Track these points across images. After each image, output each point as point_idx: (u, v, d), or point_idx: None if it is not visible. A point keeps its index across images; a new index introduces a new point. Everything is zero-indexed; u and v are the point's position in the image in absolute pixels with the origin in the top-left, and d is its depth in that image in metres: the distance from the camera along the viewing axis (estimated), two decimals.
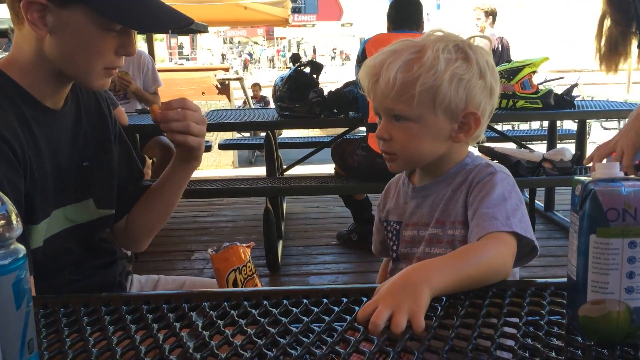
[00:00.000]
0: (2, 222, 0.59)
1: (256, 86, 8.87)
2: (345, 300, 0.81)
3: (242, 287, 1.18)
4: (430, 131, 1.02)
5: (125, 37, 1.03)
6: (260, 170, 5.67)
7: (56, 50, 1.01)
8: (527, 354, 0.64)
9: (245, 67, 33.56)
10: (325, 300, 0.80)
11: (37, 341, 0.64)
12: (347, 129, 3.75)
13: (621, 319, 0.65)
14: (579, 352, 0.65)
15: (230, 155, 6.65)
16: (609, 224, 0.63)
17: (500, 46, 5.58)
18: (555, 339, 0.68)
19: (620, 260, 0.63)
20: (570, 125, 7.31)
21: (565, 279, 0.82)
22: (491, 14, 5.57)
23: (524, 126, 9.08)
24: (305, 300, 0.81)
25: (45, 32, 1.00)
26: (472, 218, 0.97)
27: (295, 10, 36.17)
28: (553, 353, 0.64)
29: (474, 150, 1.23)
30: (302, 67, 3.35)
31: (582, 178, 0.66)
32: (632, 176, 0.64)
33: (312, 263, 3.41)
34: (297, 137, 6.46)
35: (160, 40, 30.15)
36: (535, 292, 0.82)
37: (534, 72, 3.39)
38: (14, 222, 0.60)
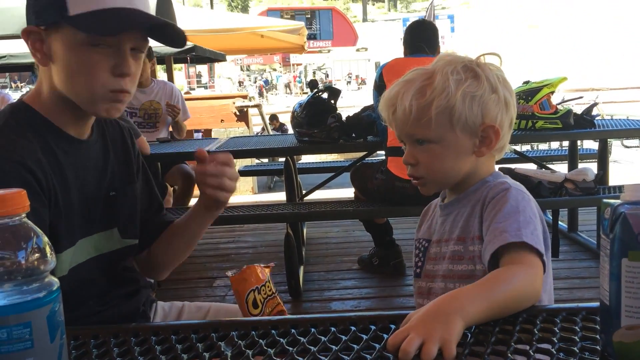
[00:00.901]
0: (37, 255, 0.60)
1: (274, 119, 8.97)
2: (373, 327, 0.80)
3: (262, 307, 1.18)
4: (453, 149, 1.06)
5: (118, 55, 1.03)
6: (280, 196, 5.69)
7: (58, 77, 1.04)
8: None
9: (260, 93, 33.94)
10: (353, 328, 0.80)
11: None
12: (365, 153, 3.76)
13: None
14: None
15: (250, 181, 6.69)
16: None
17: None
18: None
19: None
20: (590, 144, 7.26)
21: (596, 303, 0.81)
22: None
23: (543, 146, 9.02)
24: (333, 329, 0.80)
25: (47, 60, 1.03)
26: (486, 234, 1.00)
27: (311, 37, 36.66)
28: None
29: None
30: (319, 93, 3.38)
31: (611, 201, 0.65)
32: None
33: (334, 288, 3.39)
34: (316, 162, 6.49)
35: (179, 70, 30.69)
36: (567, 317, 0.81)
37: (552, 93, 3.37)
38: (48, 255, 0.61)
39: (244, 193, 6.66)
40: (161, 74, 9.65)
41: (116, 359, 0.74)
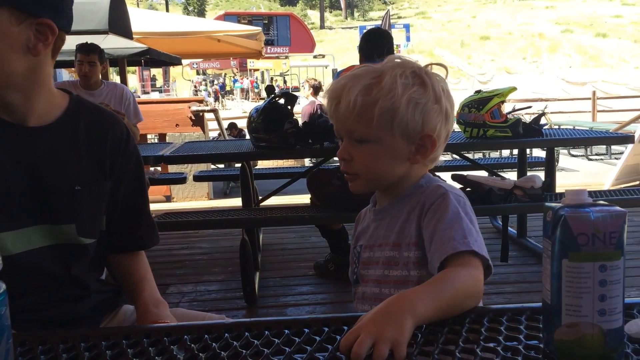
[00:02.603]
0: None
1: (233, 127, 8.91)
2: (326, 329, 0.81)
3: None
4: (389, 152, 1.06)
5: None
6: (236, 202, 5.65)
7: None
8: None
9: (216, 98, 33.59)
10: (306, 331, 0.81)
11: None
12: (322, 159, 3.78)
13: (595, 341, 0.67)
14: None
15: (205, 187, 6.62)
16: (579, 249, 0.65)
17: (319, 110, 7.17)
18: None
19: (592, 284, 0.65)
20: (538, 152, 7.51)
21: (540, 304, 0.84)
22: (315, 88, 7.85)
23: (494, 154, 9.29)
24: (286, 331, 0.81)
25: None
26: (430, 241, 1.01)
27: (268, 43, 36.56)
28: None
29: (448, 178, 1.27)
30: (276, 98, 3.39)
31: (553, 204, 0.68)
32: (601, 201, 0.66)
33: (289, 294, 3.39)
34: (273, 168, 6.47)
35: (133, 73, 30.09)
36: (512, 317, 0.84)
37: (502, 102, 3.48)
38: None
39: (199, 199, 6.58)
40: (115, 77, 9.46)
41: None
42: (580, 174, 8.62)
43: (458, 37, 52.89)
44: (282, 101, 3.41)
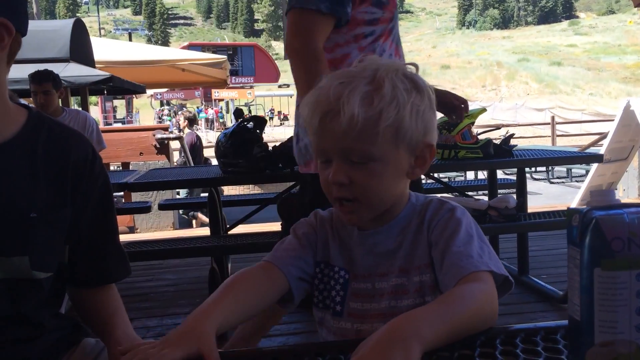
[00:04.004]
0: None
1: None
2: None
3: None
4: (393, 170, 0.92)
5: None
6: (203, 232, 5.48)
7: None
8: None
9: (180, 129, 33.30)
10: None
11: None
12: (293, 183, 3.69)
13: None
14: None
15: (170, 216, 6.43)
16: (614, 255, 0.57)
17: (197, 142, 7.86)
18: None
19: (628, 295, 0.57)
20: (501, 175, 7.61)
21: (554, 322, 0.76)
22: (190, 120, 8.36)
23: (459, 178, 9.38)
24: None
25: None
26: (442, 258, 0.90)
27: (233, 73, 36.62)
28: None
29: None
30: (245, 123, 3.30)
31: (579, 207, 0.61)
32: (631, 202, 0.59)
33: None
34: (241, 195, 6.34)
35: (95, 104, 29.64)
36: (526, 338, 0.75)
37: (472, 123, 3.48)
38: None
39: (164, 229, 6.39)
40: (77, 107, 9.23)
41: None
42: (543, 197, 8.77)
43: (420, 66, 54.10)
44: (250, 125, 3.33)
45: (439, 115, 3.63)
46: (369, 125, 0.86)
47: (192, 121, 8.42)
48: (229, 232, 3.79)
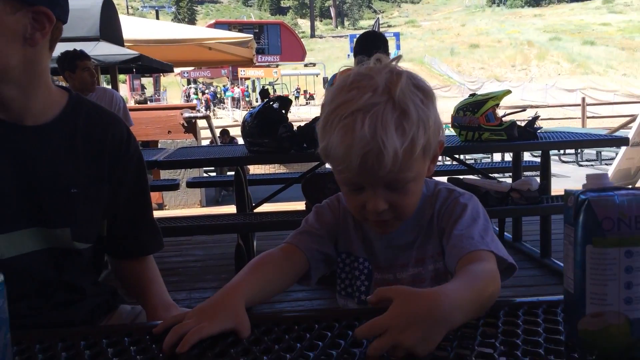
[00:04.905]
0: None
1: (225, 134, 8.88)
2: (317, 326, 0.78)
3: None
4: (422, 180, 0.97)
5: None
6: (228, 210, 5.60)
7: None
8: None
9: (207, 107, 33.53)
10: (296, 327, 0.78)
11: None
12: (318, 163, 3.75)
13: (621, 331, 0.64)
14: None
15: (197, 194, 6.57)
16: (604, 234, 0.62)
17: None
18: (553, 356, 0.67)
19: (617, 270, 0.63)
20: (529, 157, 7.53)
21: (555, 297, 0.82)
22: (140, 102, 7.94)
23: (485, 160, 9.32)
24: (276, 328, 0.78)
25: None
26: (448, 242, 0.95)
27: (259, 52, 36.60)
28: None
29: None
30: (270, 103, 3.36)
31: (574, 189, 0.66)
32: (623, 185, 0.64)
33: (285, 301, 3.34)
34: (266, 174, 6.44)
35: (123, 82, 30.00)
36: (529, 310, 0.81)
37: (497, 105, 3.48)
38: None
39: (192, 207, 6.53)
40: (107, 85, 9.40)
41: None
42: (571, 180, 8.66)
43: (447, 45, 53.27)
44: (276, 105, 3.39)
45: (458, 97, 3.64)
46: (407, 155, 0.87)
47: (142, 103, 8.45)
48: (255, 210, 3.89)
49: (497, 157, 9.54)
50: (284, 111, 3.35)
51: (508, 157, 8.72)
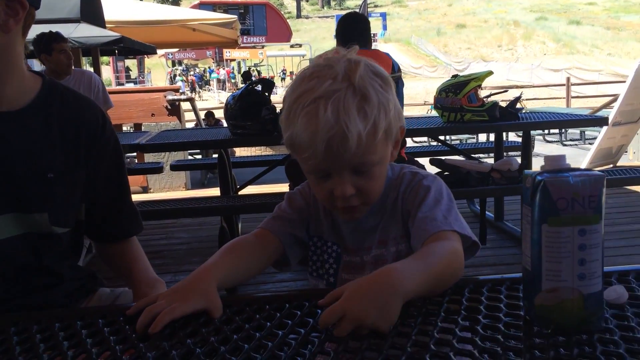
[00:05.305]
0: None
1: (210, 116, 8.81)
2: (287, 305, 0.80)
3: None
4: (386, 164, 0.99)
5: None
6: (214, 192, 5.61)
7: None
8: (487, 345, 0.65)
9: (192, 89, 33.23)
10: (267, 307, 0.80)
11: None
12: None
13: (575, 306, 0.67)
14: (537, 340, 0.66)
15: (182, 177, 6.55)
16: (559, 213, 0.65)
17: None
18: (513, 330, 0.70)
19: (571, 248, 0.65)
20: (513, 137, 7.57)
21: (518, 274, 0.84)
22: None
23: (471, 140, 9.38)
24: (247, 308, 0.80)
25: None
26: (412, 225, 0.97)
27: (245, 32, 36.25)
28: (512, 342, 0.66)
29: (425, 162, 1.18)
30: (253, 85, 3.35)
31: (531, 171, 0.68)
32: (579, 167, 0.66)
33: (269, 282, 3.38)
34: (250, 157, 6.43)
35: (107, 64, 29.59)
36: (492, 287, 0.84)
37: (479, 86, 3.49)
38: None
39: (177, 189, 6.52)
40: (88, 68, 9.29)
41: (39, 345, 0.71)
42: None
43: (434, 25, 53.10)
44: (259, 88, 3.38)
45: (445, 78, 3.66)
46: (370, 138, 0.89)
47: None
48: (239, 193, 3.90)
49: (482, 137, 9.60)
50: (267, 94, 3.35)
51: (493, 137, 8.78)
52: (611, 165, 6.23)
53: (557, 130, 10.77)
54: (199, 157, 7.74)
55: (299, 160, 0.96)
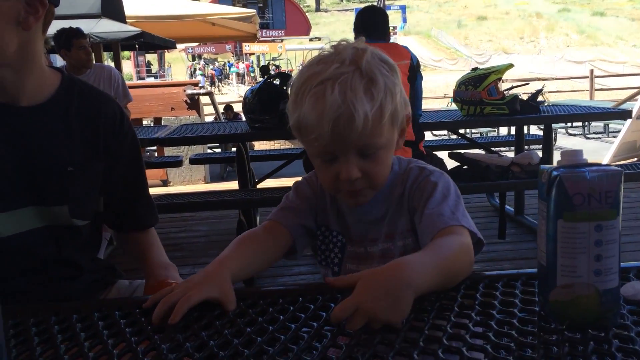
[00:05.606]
0: None
1: (229, 109, 8.85)
2: (301, 299, 0.80)
3: None
4: (392, 150, 0.99)
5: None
6: (233, 185, 5.64)
7: None
8: (502, 341, 0.65)
9: (212, 83, 33.40)
10: (280, 300, 0.81)
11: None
12: None
13: (590, 302, 0.66)
14: (552, 337, 0.66)
15: (202, 170, 6.60)
16: (575, 209, 0.64)
17: None
18: (528, 325, 0.69)
19: (587, 244, 0.64)
20: (536, 131, 7.46)
21: (534, 269, 0.84)
22: None
23: (492, 133, 9.28)
24: (261, 301, 0.81)
25: None
26: (420, 221, 0.97)
27: (264, 26, 36.29)
28: (528, 339, 0.65)
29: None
30: (271, 79, 3.36)
31: (547, 166, 0.67)
32: (596, 162, 0.65)
33: (287, 275, 3.39)
34: (269, 150, 6.46)
35: (128, 59, 29.90)
36: (508, 282, 0.83)
37: (499, 79, 3.46)
38: None
39: (196, 183, 6.57)
40: (110, 63, 9.38)
41: (57, 336, 0.72)
42: None
43: (455, 17, 52.55)
44: (277, 81, 3.39)
45: (466, 70, 3.62)
46: (376, 120, 0.90)
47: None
48: (257, 186, 3.92)
49: (503, 130, 9.50)
50: (284, 87, 3.35)
51: (514, 131, 8.65)
52: (635, 159, 6.12)
53: (580, 123, 10.60)
54: (218, 150, 7.79)
55: (305, 144, 0.97)
